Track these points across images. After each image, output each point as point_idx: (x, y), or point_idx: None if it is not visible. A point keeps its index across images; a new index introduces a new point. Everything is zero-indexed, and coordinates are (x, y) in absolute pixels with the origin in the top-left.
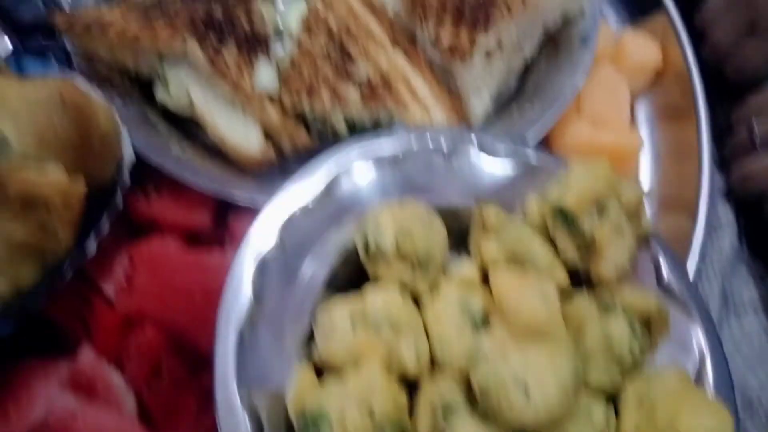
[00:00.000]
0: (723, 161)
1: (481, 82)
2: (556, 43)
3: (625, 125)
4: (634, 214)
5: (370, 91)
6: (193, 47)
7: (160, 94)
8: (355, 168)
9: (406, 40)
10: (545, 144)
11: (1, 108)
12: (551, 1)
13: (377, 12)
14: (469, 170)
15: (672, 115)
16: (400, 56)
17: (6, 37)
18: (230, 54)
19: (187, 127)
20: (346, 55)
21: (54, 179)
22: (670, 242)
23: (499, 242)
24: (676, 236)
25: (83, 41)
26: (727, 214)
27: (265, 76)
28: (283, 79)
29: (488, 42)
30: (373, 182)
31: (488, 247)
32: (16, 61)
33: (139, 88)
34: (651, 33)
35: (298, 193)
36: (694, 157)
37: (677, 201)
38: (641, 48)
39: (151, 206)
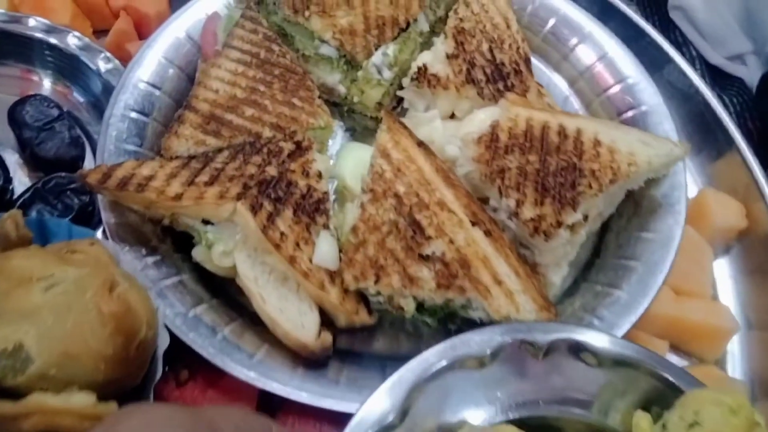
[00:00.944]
0: None
1: (562, 254)
2: (634, 199)
3: (707, 293)
4: None
5: (445, 272)
6: (244, 213)
7: (200, 255)
8: (439, 374)
9: (486, 217)
10: None
11: (24, 312)
12: (640, 173)
13: (452, 182)
14: (564, 370)
15: (760, 276)
16: (479, 234)
17: (26, 173)
18: (285, 221)
19: (225, 287)
20: (417, 227)
21: (78, 406)
22: None
23: None
24: None
25: (117, 197)
26: None
27: (324, 248)
28: (344, 251)
29: (574, 219)
30: (459, 390)
31: None
32: (38, 222)
33: (172, 237)
34: (731, 189)
35: (380, 408)
36: None
37: None
38: (724, 208)
39: (183, 393)
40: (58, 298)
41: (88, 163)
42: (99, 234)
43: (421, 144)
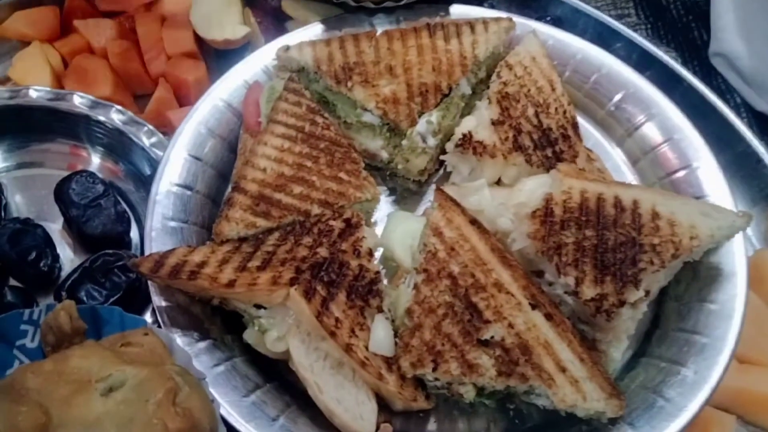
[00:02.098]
0: None
1: (623, 330)
2: (692, 265)
3: None
4: None
5: (506, 358)
6: (298, 300)
7: (252, 338)
8: None
9: (546, 300)
10: None
11: (87, 424)
12: (702, 246)
13: (509, 261)
14: None
15: None
16: (539, 318)
17: (73, 250)
18: (339, 306)
19: (277, 367)
20: (474, 310)
21: None
22: None
23: None
24: None
25: (169, 284)
26: None
27: (380, 334)
28: (400, 335)
29: (637, 296)
30: None
31: None
32: (91, 311)
33: (221, 316)
34: None
35: None
36: None
37: None
38: None
39: None
40: (120, 407)
41: (134, 235)
42: (148, 317)
43: (474, 222)
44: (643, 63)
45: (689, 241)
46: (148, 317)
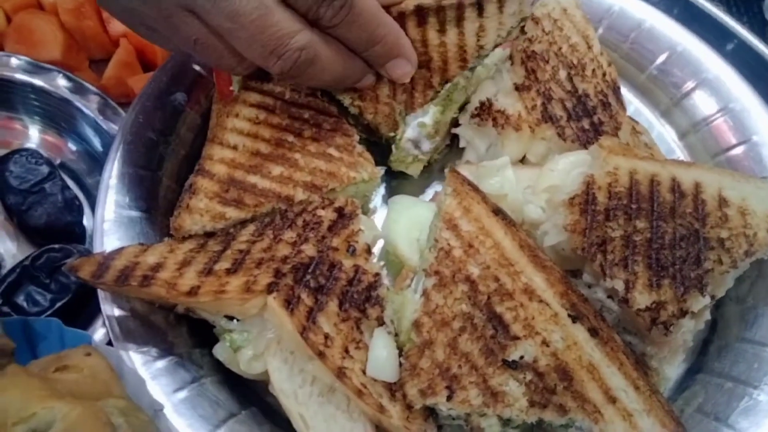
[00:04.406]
0: None
1: (680, 344)
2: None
3: None
4: None
5: (539, 384)
6: (277, 310)
7: (224, 355)
8: None
9: (590, 311)
10: None
11: None
12: None
13: (542, 261)
14: None
15: None
16: (582, 333)
17: (16, 244)
18: (329, 318)
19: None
20: (498, 323)
21: None
22: None
23: None
24: None
25: (117, 292)
26: None
27: (381, 355)
28: (406, 353)
29: (702, 304)
30: None
31: None
32: (23, 325)
33: (188, 325)
34: None
35: None
36: None
37: None
38: None
39: None
40: None
41: (89, 226)
42: (98, 333)
43: (498, 211)
44: (686, 17)
45: (766, 235)
46: (102, 329)
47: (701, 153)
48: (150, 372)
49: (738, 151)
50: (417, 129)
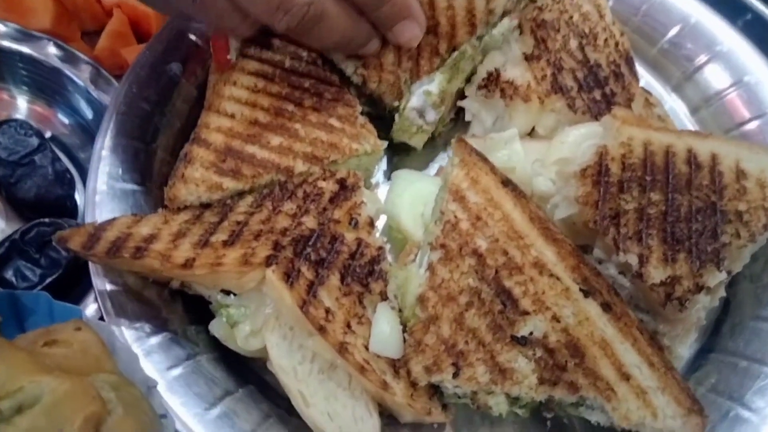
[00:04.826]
0: None
1: (693, 321)
2: None
3: None
4: None
5: (549, 361)
6: (276, 284)
7: (220, 331)
8: None
9: (604, 285)
10: None
11: None
12: None
13: (553, 234)
14: None
15: None
16: (594, 308)
17: (4, 218)
18: (330, 293)
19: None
20: (507, 298)
21: None
22: None
23: None
24: None
25: (109, 264)
26: None
27: (384, 330)
28: (410, 329)
29: (718, 279)
30: None
31: None
32: (10, 298)
33: (183, 300)
34: None
35: None
36: None
37: None
38: None
39: None
40: None
41: (80, 200)
42: (90, 309)
43: (507, 182)
44: None
45: None
46: (93, 305)
47: (713, 128)
48: (143, 349)
49: (752, 125)
50: (422, 97)
